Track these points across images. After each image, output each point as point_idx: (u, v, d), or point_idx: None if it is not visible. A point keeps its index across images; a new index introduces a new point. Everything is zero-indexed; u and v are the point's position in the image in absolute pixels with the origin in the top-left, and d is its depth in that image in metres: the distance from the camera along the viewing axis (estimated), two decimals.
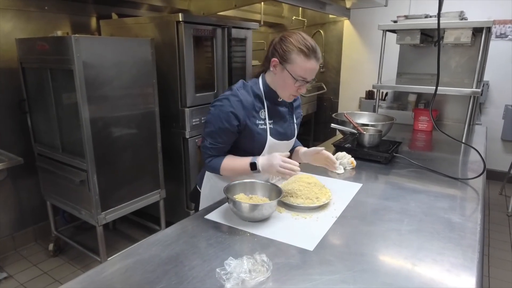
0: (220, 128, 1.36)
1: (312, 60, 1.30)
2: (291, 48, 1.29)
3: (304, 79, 1.32)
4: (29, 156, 2.55)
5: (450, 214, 1.32)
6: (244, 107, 1.35)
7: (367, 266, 1.01)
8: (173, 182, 2.90)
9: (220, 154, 1.43)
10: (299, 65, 1.30)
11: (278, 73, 1.35)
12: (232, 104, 1.34)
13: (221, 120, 1.35)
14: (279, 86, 1.39)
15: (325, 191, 1.40)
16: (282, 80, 1.35)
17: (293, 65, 1.30)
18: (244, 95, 1.37)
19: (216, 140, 1.39)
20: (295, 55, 1.29)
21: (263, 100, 1.42)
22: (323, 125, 5.11)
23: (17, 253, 2.73)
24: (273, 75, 1.38)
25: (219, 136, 1.38)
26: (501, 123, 4.07)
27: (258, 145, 1.43)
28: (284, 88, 1.37)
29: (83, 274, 0.98)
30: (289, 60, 1.30)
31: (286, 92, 1.39)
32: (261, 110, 1.42)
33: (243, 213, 1.24)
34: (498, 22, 3.90)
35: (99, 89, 2.17)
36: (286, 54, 1.30)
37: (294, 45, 1.29)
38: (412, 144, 2.46)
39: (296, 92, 1.38)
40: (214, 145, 1.40)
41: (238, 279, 0.89)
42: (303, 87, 1.36)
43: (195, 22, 2.62)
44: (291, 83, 1.33)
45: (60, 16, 2.76)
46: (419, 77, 3.13)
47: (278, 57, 1.33)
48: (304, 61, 1.29)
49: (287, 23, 4.98)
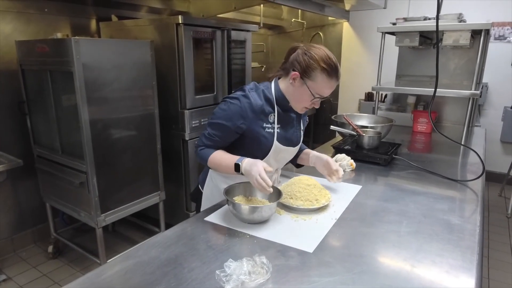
0: (223, 124, 1.36)
1: (334, 80, 1.29)
2: (315, 66, 1.26)
3: (321, 96, 1.32)
4: (29, 158, 2.55)
5: (449, 216, 1.32)
6: (253, 111, 1.34)
7: (366, 267, 1.01)
8: (172, 184, 2.90)
9: (211, 146, 1.42)
10: (320, 84, 1.29)
11: (296, 86, 1.33)
12: (241, 105, 1.33)
13: (226, 117, 1.35)
14: (294, 99, 1.38)
15: (325, 193, 1.41)
16: (299, 94, 1.34)
17: (314, 82, 1.29)
18: (254, 98, 1.35)
19: (214, 133, 1.39)
20: (318, 73, 1.27)
21: (274, 105, 1.40)
22: (323, 127, 5.12)
23: (16, 255, 2.73)
24: (290, 86, 1.36)
25: (218, 130, 1.38)
26: (500, 125, 4.08)
27: (263, 149, 1.42)
28: (300, 101, 1.37)
29: (82, 276, 0.97)
30: (311, 77, 1.28)
31: (300, 105, 1.38)
32: (271, 114, 1.40)
33: (242, 215, 1.24)
34: (497, 24, 3.91)
35: (99, 91, 2.17)
36: (308, 70, 1.28)
37: (319, 62, 1.26)
38: (411, 146, 2.47)
39: (310, 106, 1.38)
40: (210, 137, 1.40)
41: (238, 281, 0.89)
42: (317, 103, 1.36)
43: (194, 24, 2.62)
44: (308, 98, 1.33)
45: (60, 18, 2.77)
46: (418, 79, 3.14)
47: (300, 71, 1.30)
48: (326, 80, 1.28)
49: (287, 25, 4.99)
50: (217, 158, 1.39)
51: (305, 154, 1.66)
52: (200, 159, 1.45)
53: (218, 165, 1.40)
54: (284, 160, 1.57)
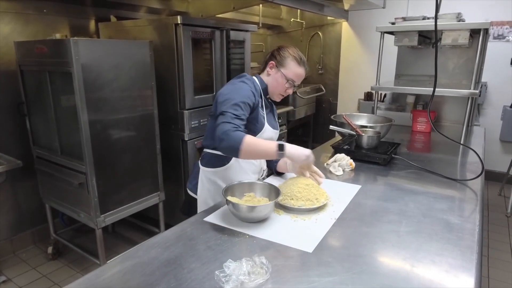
0: (242, 101, 1.41)
1: (302, 68, 1.58)
2: (287, 55, 1.56)
3: (293, 82, 1.58)
4: (28, 159, 2.54)
5: (449, 215, 1.33)
6: (256, 90, 1.56)
7: (366, 267, 1.01)
8: (172, 185, 2.90)
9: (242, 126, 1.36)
10: (291, 69, 1.56)
11: (273, 74, 1.59)
12: (249, 85, 1.52)
13: (243, 95, 1.44)
14: (271, 85, 1.61)
15: (322, 192, 1.41)
16: (276, 80, 1.59)
17: (286, 69, 1.56)
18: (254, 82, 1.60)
19: (238, 112, 1.36)
20: (290, 61, 1.56)
21: (261, 93, 1.61)
22: (322, 127, 5.12)
23: (16, 256, 2.73)
24: (268, 76, 1.61)
25: (241, 108, 1.38)
26: (500, 124, 4.08)
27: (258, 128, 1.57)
28: (276, 87, 1.60)
29: (82, 277, 0.97)
30: (284, 64, 1.57)
31: (276, 91, 1.62)
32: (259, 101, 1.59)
33: (241, 214, 1.24)
34: (496, 24, 3.92)
35: (98, 92, 2.17)
36: (282, 59, 1.57)
37: (290, 53, 1.57)
38: (410, 145, 2.47)
39: (285, 93, 1.62)
40: (237, 116, 1.35)
41: (237, 281, 0.89)
42: (290, 89, 1.61)
43: (193, 25, 2.62)
44: (283, 83, 1.57)
45: (59, 18, 2.76)
46: (417, 78, 3.14)
47: (275, 61, 1.58)
48: (295, 66, 1.56)
49: (286, 25, 4.99)
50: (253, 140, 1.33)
51: (282, 161, 1.69)
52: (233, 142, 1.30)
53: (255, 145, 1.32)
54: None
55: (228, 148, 1.33)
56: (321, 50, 4.99)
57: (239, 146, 1.29)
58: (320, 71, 5.06)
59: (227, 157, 1.56)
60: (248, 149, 1.30)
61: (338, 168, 1.80)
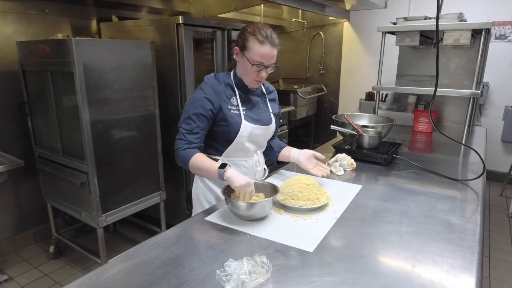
0: (194, 113, 1.43)
1: (266, 46, 1.39)
2: (247, 37, 1.40)
3: (261, 63, 1.41)
4: (30, 158, 2.55)
5: (450, 216, 1.32)
6: (215, 92, 1.46)
7: (366, 267, 1.01)
8: (173, 184, 2.90)
9: (194, 141, 1.43)
10: (253, 50, 1.39)
11: (240, 61, 1.47)
12: (204, 90, 1.46)
13: (195, 106, 1.44)
14: (242, 73, 1.49)
15: (323, 191, 1.41)
16: (244, 66, 1.46)
17: (249, 51, 1.41)
18: (214, 83, 1.49)
19: (191, 126, 1.44)
20: (251, 42, 1.39)
21: (234, 88, 1.52)
22: (323, 127, 5.12)
23: (17, 256, 2.74)
24: (238, 64, 1.50)
25: (193, 121, 1.44)
26: (501, 124, 4.07)
27: (233, 128, 1.48)
28: (246, 74, 1.47)
29: (83, 276, 0.98)
30: (246, 47, 1.41)
31: (248, 77, 1.48)
32: (232, 97, 1.51)
33: (240, 212, 1.25)
34: (497, 24, 3.91)
35: (100, 92, 2.17)
36: (243, 42, 1.41)
37: (250, 33, 1.40)
38: (412, 145, 2.47)
39: (257, 77, 1.45)
40: (189, 131, 1.43)
41: (238, 280, 0.89)
42: (262, 72, 1.44)
43: (195, 25, 2.63)
44: (250, 68, 1.42)
45: (61, 19, 2.77)
46: (418, 78, 3.14)
47: (239, 46, 1.44)
48: (258, 46, 1.39)
49: (287, 25, 4.99)
50: (198, 160, 1.39)
51: (286, 150, 1.73)
52: (182, 161, 1.43)
53: (197, 168, 1.41)
54: (259, 141, 1.61)
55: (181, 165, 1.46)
56: (322, 50, 4.99)
57: (187, 166, 1.43)
58: (321, 71, 5.05)
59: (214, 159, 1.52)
60: (194, 169, 1.43)
61: (339, 168, 1.79)
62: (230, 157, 1.55)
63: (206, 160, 1.40)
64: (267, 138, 1.66)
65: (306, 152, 1.67)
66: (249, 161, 1.60)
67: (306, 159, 1.65)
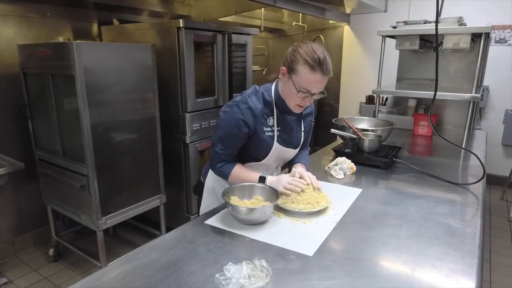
0: (230, 134, 1.41)
1: (317, 74, 1.27)
2: (298, 59, 1.28)
3: (307, 91, 1.30)
4: (30, 161, 2.55)
5: (450, 220, 1.32)
6: (253, 115, 1.38)
7: (366, 271, 1.01)
8: (173, 187, 2.90)
9: (229, 159, 1.48)
10: (302, 76, 1.28)
11: (286, 82, 1.36)
12: (242, 111, 1.37)
13: (231, 127, 1.39)
14: (286, 95, 1.40)
15: (323, 195, 1.41)
16: (288, 89, 1.35)
17: (297, 76, 1.29)
18: (254, 102, 1.39)
19: (226, 146, 1.44)
20: (301, 66, 1.27)
21: (273, 108, 1.43)
22: (323, 130, 5.10)
23: (17, 259, 2.73)
24: (282, 83, 1.40)
25: (229, 142, 1.43)
26: (502, 128, 4.08)
27: (264, 150, 1.48)
28: (290, 97, 1.37)
29: (82, 280, 0.98)
30: (295, 70, 1.29)
31: (291, 102, 1.38)
32: (270, 118, 1.44)
33: (241, 216, 1.25)
34: (497, 28, 3.92)
35: (100, 95, 2.18)
36: (293, 64, 1.29)
37: (302, 56, 1.27)
38: (412, 149, 2.47)
39: (301, 103, 1.36)
40: (224, 151, 1.45)
41: (237, 284, 0.89)
42: (307, 99, 1.34)
43: (195, 28, 2.64)
44: (295, 93, 1.32)
45: (62, 22, 2.78)
46: (418, 82, 3.14)
47: (286, 67, 1.33)
48: (308, 73, 1.27)
49: (287, 28, 5.01)
50: (239, 173, 1.47)
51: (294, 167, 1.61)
52: (220, 175, 1.52)
53: (239, 180, 1.46)
54: (283, 160, 1.61)
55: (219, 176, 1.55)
56: None
57: (227, 179, 1.50)
58: None
59: None
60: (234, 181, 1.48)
61: (339, 171, 1.80)
62: (252, 168, 1.55)
63: (247, 173, 1.47)
64: (292, 157, 1.62)
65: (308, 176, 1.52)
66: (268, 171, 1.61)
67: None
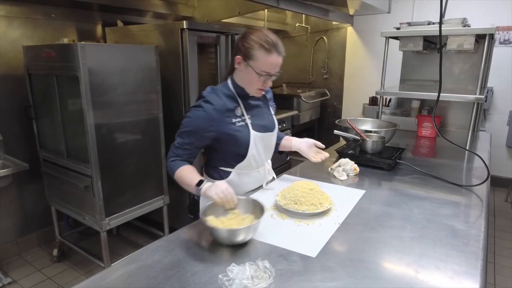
0: (191, 130, 1.41)
1: (274, 55, 1.33)
2: (252, 45, 1.32)
3: (267, 74, 1.36)
4: (35, 161, 2.57)
5: (454, 221, 1.32)
6: (217, 111, 1.39)
7: (369, 273, 1.00)
8: (176, 188, 2.87)
9: (183, 157, 1.43)
10: (260, 60, 1.33)
11: (243, 70, 1.39)
12: (206, 109, 1.38)
13: (194, 124, 1.41)
14: (245, 83, 1.43)
15: (326, 196, 1.41)
16: (248, 76, 1.39)
17: (255, 61, 1.34)
18: (215, 99, 1.40)
19: (184, 141, 1.42)
20: (257, 51, 1.32)
21: (236, 98, 1.46)
22: (326, 131, 5.11)
23: (21, 259, 2.75)
24: (239, 73, 1.42)
25: (187, 138, 1.42)
26: (506, 130, 4.05)
27: (242, 142, 1.45)
28: (250, 84, 1.41)
29: (86, 280, 0.98)
30: (252, 56, 1.33)
31: (252, 87, 1.42)
32: (237, 108, 1.45)
33: (220, 239, 1.13)
34: (501, 29, 3.90)
35: (104, 96, 2.19)
36: (248, 51, 1.34)
37: (255, 41, 1.32)
38: (415, 150, 2.46)
39: (262, 86, 1.41)
40: (181, 146, 1.42)
41: (241, 285, 0.89)
42: (268, 81, 1.39)
43: (199, 30, 2.64)
44: (256, 78, 1.36)
45: (67, 23, 2.80)
46: (422, 83, 3.13)
47: (241, 55, 1.36)
48: (265, 56, 1.32)
49: (291, 29, 5.01)
50: (183, 174, 1.39)
51: (286, 140, 1.76)
52: (169, 171, 1.46)
53: (180, 181, 1.40)
54: (269, 148, 1.60)
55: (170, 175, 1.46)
56: (326, 55, 5.00)
57: (173, 175, 1.42)
58: (325, 75, 5.06)
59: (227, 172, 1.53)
60: (178, 181, 1.42)
61: (342, 172, 1.79)
62: (243, 169, 1.52)
63: (190, 175, 1.37)
64: (274, 143, 1.64)
65: (307, 141, 1.74)
66: (261, 171, 1.60)
67: (307, 148, 1.71)
